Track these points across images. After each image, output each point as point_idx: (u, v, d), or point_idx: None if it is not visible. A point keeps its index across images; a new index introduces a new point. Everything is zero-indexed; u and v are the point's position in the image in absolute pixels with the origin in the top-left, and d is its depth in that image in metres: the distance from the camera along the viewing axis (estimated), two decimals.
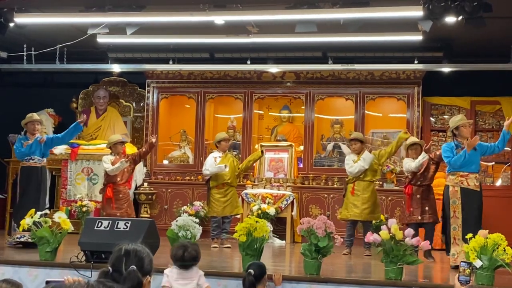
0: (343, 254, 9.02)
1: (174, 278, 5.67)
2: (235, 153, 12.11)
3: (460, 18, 7.83)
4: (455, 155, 7.71)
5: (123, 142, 9.83)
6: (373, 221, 9.51)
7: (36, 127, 9.16)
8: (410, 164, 8.99)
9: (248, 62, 11.19)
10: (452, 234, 7.67)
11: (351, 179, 9.40)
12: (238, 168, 10.15)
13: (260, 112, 12.72)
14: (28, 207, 8.01)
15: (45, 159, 9.21)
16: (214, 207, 9.92)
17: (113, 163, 9.50)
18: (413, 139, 9.42)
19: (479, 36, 9.57)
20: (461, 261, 5.35)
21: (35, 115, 9.36)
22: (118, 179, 9.51)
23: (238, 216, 10.47)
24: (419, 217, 8.81)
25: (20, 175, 9.16)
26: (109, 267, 3.15)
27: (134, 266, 3.10)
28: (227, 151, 10.27)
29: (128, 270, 3.09)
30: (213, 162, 9.91)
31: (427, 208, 8.84)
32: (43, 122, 9.74)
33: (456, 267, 7.50)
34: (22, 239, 8.61)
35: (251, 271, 5.99)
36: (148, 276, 3.18)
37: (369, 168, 9.31)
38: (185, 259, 5.64)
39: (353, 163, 9.32)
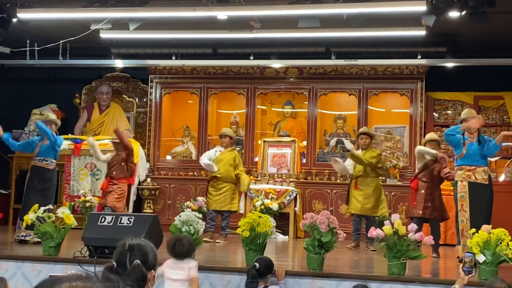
0: (347, 247, 9.04)
1: (169, 266, 5.77)
2: (238, 148, 12.12)
3: (463, 13, 7.81)
4: (457, 141, 7.78)
5: (115, 143, 9.87)
6: (379, 216, 9.54)
7: (48, 127, 9.13)
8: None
9: (251, 57, 11.19)
10: (460, 226, 7.69)
11: (355, 175, 9.45)
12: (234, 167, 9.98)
13: (263, 107, 12.72)
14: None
15: (55, 162, 9.21)
16: (207, 200, 10.09)
17: (112, 158, 9.77)
18: (432, 135, 9.36)
19: (482, 31, 9.55)
20: (466, 252, 5.36)
21: (49, 116, 9.32)
22: (114, 173, 9.61)
23: (241, 211, 10.49)
24: (421, 212, 8.79)
25: (30, 174, 9.14)
26: (114, 262, 3.15)
27: (138, 261, 3.11)
28: (232, 147, 10.23)
29: (132, 264, 3.09)
30: (210, 154, 10.16)
31: (429, 204, 8.82)
32: (58, 124, 9.57)
33: None
34: (27, 238, 8.61)
35: (257, 264, 6.00)
36: (152, 270, 3.18)
37: (374, 162, 9.36)
38: (176, 251, 5.77)
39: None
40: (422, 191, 8.87)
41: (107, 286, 1.59)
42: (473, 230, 6.36)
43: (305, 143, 11.98)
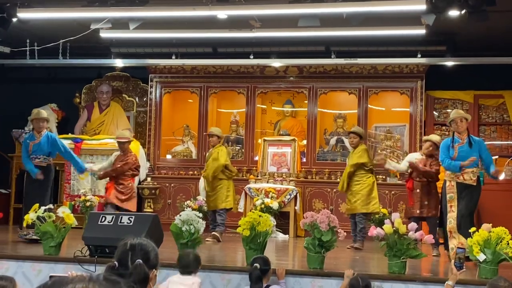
0: (347, 248, 9.03)
1: (172, 281, 5.73)
2: (238, 147, 12.13)
3: (463, 11, 7.81)
4: (448, 155, 7.78)
5: (120, 143, 9.83)
6: (373, 214, 9.57)
7: (41, 124, 9.16)
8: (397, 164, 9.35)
9: (251, 56, 11.19)
10: (448, 228, 7.69)
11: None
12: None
13: (263, 106, 12.72)
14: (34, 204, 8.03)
15: (51, 158, 9.22)
16: (206, 201, 10.15)
17: (116, 159, 9.77)
18: (432, 137, 9.22)
19: (482, 29, 9.55)
20: (458, 247, 5.39)
21: (42, 113, 9.31)
22: (114, 175, 9.70)
23: (241, 210, 10.51)
24: (418, 211, 8.79)
25: (26, 173, 9.21)
26: (115, 262, 3.15)
27: (140, 260, 3.11)
28: (219, 145, 10.22)
29: (134, 264, 3.09)
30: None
31: (426, 203, 8.82)
32: (49, 120, 9.68)
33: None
34: (27, 237, 8.60)
35: (257, 265, 5.99)
36: (154, 269, 3.18)
37: (352, 165, 9.43)
38: (181, 265, 5.74)
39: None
40: (418, 190, 8.87)
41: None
42: (473, 228, 6.37)
43: (305, 142, 11.98)
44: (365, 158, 9.42)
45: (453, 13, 7.91)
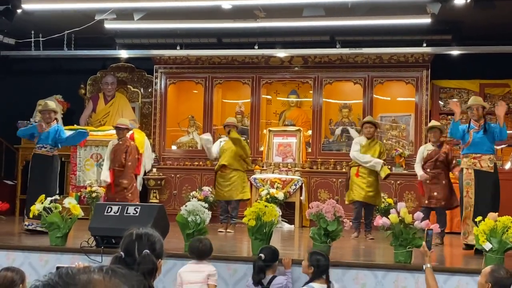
0: (352, 238, 9.04)
1: (186, 271, 5.79)
2: (243, 138, 12.12)
3: (469, 0, 7.78)
4: (459, 133, 7.82)
5: (120, 128, 9.84)
6: (377, 206, 9.58)
7: (48, 116, 9.14)
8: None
9: (256, 46, 11.17)
10: (464, 214, 7.70)
11: (355, 163, 9.45)
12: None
13: (268, 97, 12.71)
14: (38, 194, 8.04)
15: (56, 149, 9.22)
16: (217, 191, 10.05)
17: (114, 148, 9.86)
18: (433, 123, 9.41)
19: (488, 18, 9.50)
20: (428, 229, 5.41)
21: (49, 104, 9.31)
22: (117, 164, 9.65)
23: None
24: (426, 201, 8.88)
25: (31, 162, 9.21)
26: (121, 252, 3.15)
27: (148, 250, 3.10)
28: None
29: (143, 254, 3.08)
30: (215, 146, 10.10)
31: (435, 194, 8.87)
32: (57, 111, 9.65)
33: (468, 246, 7.56)
34: (30, 227, 8.62)
35: (262, 255, 6.00)
36: (160, 259, 3.18)
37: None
38: (197, 252, 5.85)
39: (360, 148, 9.36)
40: (428, 181, 8.92)
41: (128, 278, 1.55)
42: (479, 218, 6.36)
43: (310, 132, 11.97)
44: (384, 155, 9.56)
45: (459, 1, 7.89)
